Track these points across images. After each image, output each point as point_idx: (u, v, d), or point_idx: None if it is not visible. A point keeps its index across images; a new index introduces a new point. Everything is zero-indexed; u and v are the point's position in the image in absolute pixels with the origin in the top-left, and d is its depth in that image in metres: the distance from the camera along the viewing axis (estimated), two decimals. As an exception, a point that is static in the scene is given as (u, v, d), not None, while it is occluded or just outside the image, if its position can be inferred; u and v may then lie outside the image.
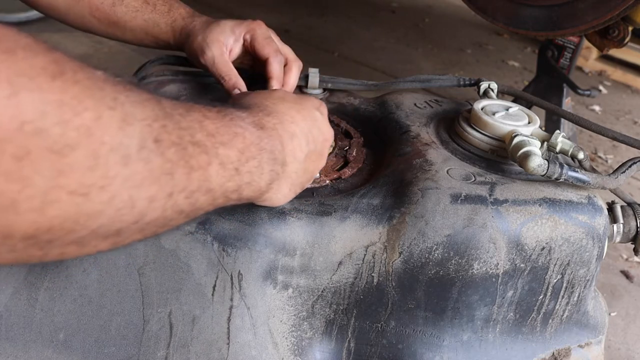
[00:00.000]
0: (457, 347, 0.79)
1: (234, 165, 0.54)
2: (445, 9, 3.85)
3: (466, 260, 0.74)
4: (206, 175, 0.51)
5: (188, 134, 0.49)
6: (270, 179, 0.61)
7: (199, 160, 0.50)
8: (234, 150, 0.55)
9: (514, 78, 2.95)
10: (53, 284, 0.72)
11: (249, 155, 0.57)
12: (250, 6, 3.32)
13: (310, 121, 0.70)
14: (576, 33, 1.56)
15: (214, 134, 0.53)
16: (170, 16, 0.98)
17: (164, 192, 0.47)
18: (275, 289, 0.72)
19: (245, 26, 0.95)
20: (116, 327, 0.72)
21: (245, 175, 0.56)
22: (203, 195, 0.52)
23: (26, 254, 0.42)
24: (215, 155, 0.52)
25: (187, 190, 0.49)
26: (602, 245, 0.80)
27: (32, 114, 0.37)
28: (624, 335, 1.47)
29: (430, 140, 0.88)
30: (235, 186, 0.55)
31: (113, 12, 0.97)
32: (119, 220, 0.44)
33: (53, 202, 0.39)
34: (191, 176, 0.49)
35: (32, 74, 0.37)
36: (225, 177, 0.54)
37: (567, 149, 0.82)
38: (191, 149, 0.49)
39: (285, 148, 0.63)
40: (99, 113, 0.41)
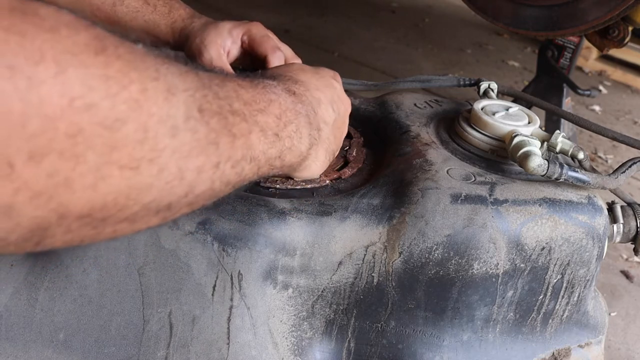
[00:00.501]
0: (457, 347, 0.79)
1: (274, 131, 0.55)
2: (445, 9, 3.85)
3: (466, 260, 0.74)
4: (249, 143, 0.51)
5: (227, 104, 0.50)
6: (310, 143, 0.62)
7: (240, 129, 0.50)
8: (272, 117, 0.55)
9: (514, 78, 2.95)
10: (53, 284, 0.72)
11: (287, 120, 0.57)
12: (250, 6, 3.32)
13: (331, 89, 0.71)
14: (576, 33, 1.56)
15: (251, 102, 0.53)
16: (170, 17, 0.98)
17: (211, 162, 0.47)
18: (275, 289, 0.72)
19: (243, 27, 0.96)
20: (116, 327, 0.72)
21: (286, 141, 0.57)
22: (248, 164, 0.52)
23: (80, 234, 0.42)
24: (255, 123, 0.52)
25: (233, 159, 0.49)
26: (602, 245, 0.80)
27: (80, 90, 0.37)
28: (624, 335, 1.47)
29: (430, 140, 0.88)
30: (277, 152, 0.56)
31: (114, 13, 0.97)
32: (169, 193, 0.45)
33: (106, 177, 0.39)
34: (235, 144, 0.49)
35: (76, 51, 0.37)
36: (267, 143, 0.54)
37: (567, 149, 0.82)
38: (231, 118, 0.49)
39: (317, 113, 0.65)
40: (144, 85, 0.41)
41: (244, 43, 0.95)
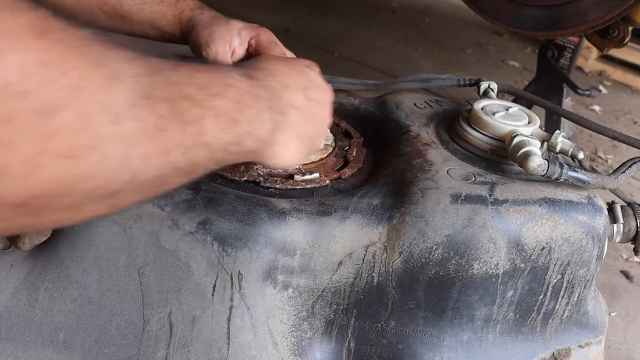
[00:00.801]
0: (457, 347, 0.79)
1: (231, 116, 0.53)
2: (445, 9, 3.85)
3: (466, 260, 0.74)
4: (201, 128, 0.50)
5: (178, 89, 0.48)
6: (272, 127, 0.60)
7: (192, 114, 0.49)
8: (229, 101, 0.53)
9: (514, 78, 2.95)
10: (53, 284, 0.72)
11: (246, 104, 0.56)
12: (250, 6, 3.32)
13: (303, 76, 0.70)
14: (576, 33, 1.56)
15: (206, 86, 0.52)
16: (177, 7, 0.98)
17: (158, 149, 0.46)
18: (275, 289, 0.72)
19: (252, 30, 0.96)
20: (116, 327, 0.72)
21: (245, 125, 0.55)
22: (200, 150, 0.50)
23: (18, 222, 0.41)
24: (209, 108, 0.51)
25: (183, 146, 0.48)
26: (602, 245, 0.80)
27: (17, 75, 0.36)
28: (624, 335, 1.47)
29: (430, 140, 0.88)
30: (234, 137, 0.54)
31: (120, 6, 0.97)
32: (113, 181, 0.43)
33: (42, 166, 0.38)
34: (185, 131, 0.48)
35: (17, 33, 0.36)
36: (221, 129, 0.52)
37: (567, 149, 0.82)
38: (183, 104, 0.48)
39: (281, 98, 0.63)
40: (86, 71, 0.40)
41: (251, 47, 0.95)
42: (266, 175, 0.82)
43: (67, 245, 0.72)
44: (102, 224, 0.71)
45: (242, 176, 0.80)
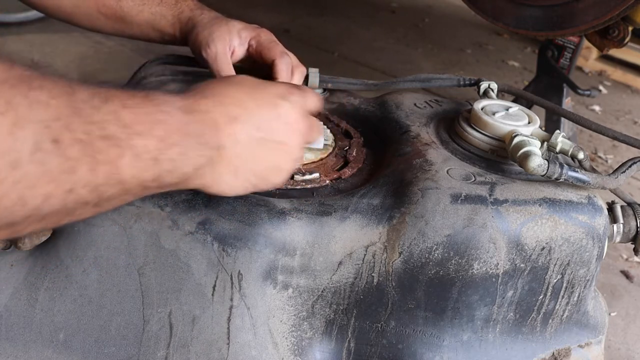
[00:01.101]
0: (457, 347, 0.79)
1: (152, 155, 0.53)
2: (445, 9, 3.85)
3: (466, 260, 0.74)
4: (116, 168, 0.50)
5: (98, 128, 0.49)
6: (198, 164, 0.59)
7: (108, 154, 0.49)
8: (153, 139, 0.53)
9: (514, 78, 2.95)
10: (53, 284, 0.72)
11: (171, 142, 0.55)
12: (250, 6, 3.31)
13: (268, 108, 0.66)
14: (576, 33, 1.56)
15: (131, 124, 0.51)
16: (177, 8, 0.98)
17: (62, 189, 0.46)
18: (275, 289, 0.72)
19: (252, 31, 0.95)
20: (116, 327, 0.72)
21: (166, 163, 0.54)
22: (112, 188, 0.51)
23: None
24: (129, 147, 0.51)
25: (92, 184, 0.49)
26: (602, 245, 0.80)
27: None
28: (624, 335, 1.47)
29: (430, 140, 0.88)
30: (153, 175, 0.54)
31: (119, 7, 0.97)
32: (9, 216, 0.45)
33: None
34: (97, 171, 0.49)
35: None
36: (139, 167, 0.52)
37: (567, 149, 0.82)
38: (100, 144, 0.49)
39: (221, 131, 0.60)
40: None
41: (251, 47, 0.95)
42: (266, 175, 0.82)
43: (67, 245, 0.72)
44: (102, 224, 0.71)
45: (242, 176, 0.80)
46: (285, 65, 0.93)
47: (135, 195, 0.55)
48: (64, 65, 2.42)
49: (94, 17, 0.99)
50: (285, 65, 0.93)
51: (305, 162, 0.85)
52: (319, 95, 0.78)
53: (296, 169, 0.84)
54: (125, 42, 2.60)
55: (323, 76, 1.04)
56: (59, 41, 2.60)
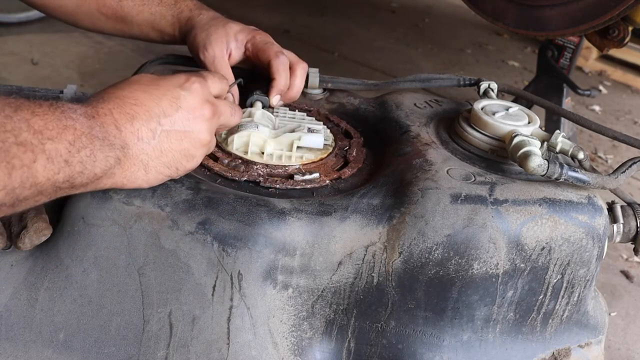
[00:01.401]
0: (457, 347, 0.79)
1: (63, 158, 0.56)
2: (445, 9, 3.85)
3: (466, 260, 0.74)
4: (31, 172, 0.54)
5: (12, 135, 0.52)
6: (107, 166, 0.62)
7: (22, 159, 0.53)
8: (64, 143, 0.56)
9: (514, 78, 2.95)
10: (53, 284, 0.72)
11: (80, 146, 0.58)
12: (250, 6, 3.31)
13: (167, 101, 0.68)
14: (576, 33, 1.56)
15: (42, 130, 0.55)
16: (176, 8, 0.99)
17: None
18: (275, 289, 0.72)
19: (248, 34, 0.96)
20: (116, 327, 0.72)
21: (77, 166, 0.58)
22: (27, 190, 0.54)
23: None
24: (42, 151, 0.54)
25: (8, 187, 0.52)
26: (602, 245, 0.80)
27: None
28: (624, 335, 1.47)
29: (430, 140, 0.88)
30: (65, 177, 0.57)
31: (120, 7, 0.98)
32: None
33: None
34: (12, 175, 0.52)
35: None
36: (53, 170, 0.56)
37: (567, 149, 0.82)
38: (14, 150, 0.52)
39: (123, 131, 0.64)
40: None
41: (248, 50, 0.95)
42: (266, 175, 0.82)
43: (67, 245, 0.72)
44: (102, 224, 0.71)
45: (242, 176, 0.80)
46: (281, 65, 0.93)
47: (49, 195, 0.58)
48: (64, 65, 2.42)
49: (95, 17, 0.99)
50: (282, 65, 0.93)
51: (305, 162, 0.85)
52: (222, 77, 0.80)
53: (296, 169, 0.84)
54: (125, 42, 2.60)
55: (323, 76, 1.04)
56: (59, 41, 2.60)
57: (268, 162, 0.83)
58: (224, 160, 0.83)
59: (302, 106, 1.00)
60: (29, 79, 2.27)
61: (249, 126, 0.84)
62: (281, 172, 0.83)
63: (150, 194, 0.71)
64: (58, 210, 0.75)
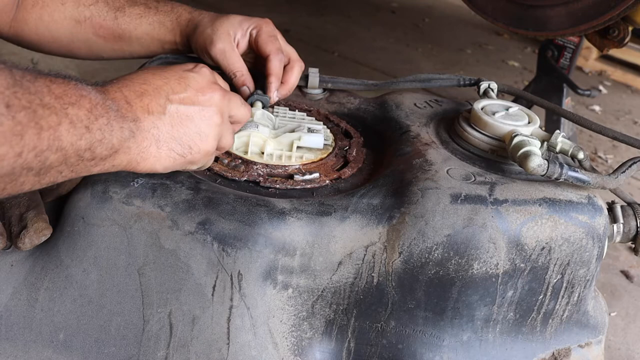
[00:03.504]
0: (457, 347, 0.79)
1: (84, 124, 0.57)
2: (445, 9, 3.85)
3: (466, 260, 0.74)
4: (57, 134, 0.54)
5: (37, 98, 0.53)
6: (123, 137, 0.63)
7: (48, 121, 0.54)
8: (83, 110, 0.57)
9: (514, 78, 2.95)
10: (53, 284, 0.72)
11: (98, 114, 0.59)
12: (250, 6, 3.31)
13: (175, 80, 0.69)
14: (576, 33, 1.56)
15: (62, 96, 0.56)
16: (174, 13, 0.98)
17: (13, 152, 0.51)
18: (275, 289, 0.72)
19: (253, 22, 0.96)
20: (116, 327, 0.72)
21: (97, 133, 0.59)
22: (53, 154, 0.55)
23: None
24: (65, 115, 0.55)
25: (37, 149, 0.53)
26: (602, 245, 0.80)
27: None
28: (624, 335, 1.47)
29: (430, 140, 0.88)
30: (87, 144, 0.58)
31: (117, 25, 0.97)
32: None
33: None
34: (41, 136, 0.53)
35: None
36: (76, 135, 0.56)
37: (567, 149, 0.82)
38: (41, 111, 0.53)
39: (133, 105, 0.65)
40: None
41: (252, 37, 0.95)
42: (266, 175, 0.82)
43: (67, 245, 0.72)
44: (102, 224, 0.71)
45: (242, 176, 0.80)
46: (278, 62, 0.93)
47: (71, 167, 0.58)
48: (64, 66, 2.42)
49: (92, 41, 0.99)
50: (279, 62, 0.93)
51: (305, 162, 0.85)
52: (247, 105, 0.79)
53: (295, 169, 0.84)
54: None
55: (323, 76, 1.04)
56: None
57: (268, 162, 0.83)
58: (224, 160, 0.83)
59: (302, 106, 1.00)
60: (29, 79, 2.27)
61: (249, 126, 0.84)
62: (281, 172, 0.83)
63: (150, 193, 0.71)
64: (58, 211, 0.75)
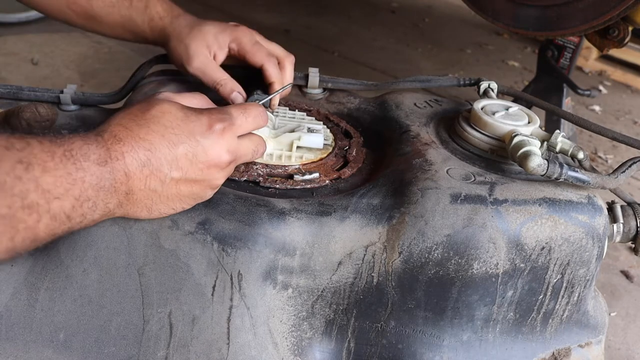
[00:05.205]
0: (457, 347, 0.79)
1: (66, 214, 0.57)
2: (445, 9, 3.85)
3: (466, 260, 0.74)
4: (34, 231, 0.54)
5: (20, 199, 0.52)
6: (106, 211, 0.62)
7: (27, 222, 0.53)
8: (70, 200, 0.57)
9: (514, 78, 2.95)
10: (53, 284, 0.72)
11: (84, 199, 0.58)
12: (250, 6, 3.31)
13: (182, 149, 0.65)
14: (576, 33, 1.55)
15: (50, 189, 0.55)
16: (147, 14, 0.96)
17: None
18: (275, 289, 0.72)
19: (229, 34, 0.94)
20: (116, 327, 0.72)
21: (78, 218, 0.59)
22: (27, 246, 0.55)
23: None
24: (47, 211, 0.55)
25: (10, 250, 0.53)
26: (602, 245, 0.80)
27: None
28: (624, 335, 1.47)
29: (430, 140, 0.88)
30: (65, 229, 0.58)
31: (90, 7, 0.96)
32: None
33: None
34: (15, 239, 0.53)
35: None
36: (55, 226, 0.56)
37: (567, 149, 0.82)
38: (21, 214, 0.52)
39: (132, 178, 0.63)
40: None
41: (233, 50, 0.94)
42: (266, 175, 0.82)
43: (67, 245, 0.72)
44: (102, 224, 0.71)
45: (241, 176, 0.80)
46: (274, 68, 0.93)
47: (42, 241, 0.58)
48: (64, 66, 2.42)
49: (64, 12, 0.98)
50: (274, 68, 0.93)
51: (305, 162, 0.85)
52: (261, 112, 0.74)
53: (295, 169, 0.84)
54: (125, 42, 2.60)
55: (323, 76, 1.04)
56: (59, 41, 2.60)
57: (268, 162, 0.83)
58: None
59: (302, 106, 1.00)
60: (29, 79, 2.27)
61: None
62: (281, 172, 0.83)
63: (150, 194, 0.71)
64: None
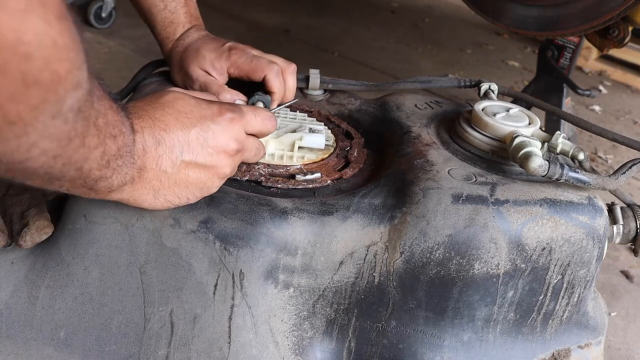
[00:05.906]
0: (457, 347, 0.79)
1: (109, 158, 0.57)
2: (445, 9, 3.85)
3: (467, 260, 0.74)
4: (89, 155, 0.54)
5: (94, 116, 0.53)
6: (123, 181, 0.62)
7: (90, 141, 0.53)
8: (115, 146, 0.57)
9: (514, 78, 2.95)
10: (54, 282, 0.72)
11: (120, 154, 0.59)
12: (250, 6, 3.31)
13: (195, 132, 0.67)
14: (576, 33, 1.56)
15: (110, 124, 0.56)
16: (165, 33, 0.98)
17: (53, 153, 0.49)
18: (276, 288, 0.72)
19: (226, 59, 0.94)
20: (117, 326, 0.72)
21: (109, 171, 0.58)
22: (74, 170, 0.54)
23: None
24: (103, 143, 0.55)
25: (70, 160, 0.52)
26: (602, 246, 0.80)
27: (31, 39, 0.40)
28: (624, 335, 1.47)
29: (431, 141, 0.88)
30: (98, 176, 0.57)
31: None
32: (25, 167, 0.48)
33: None
34: (79, 151, 0.52)
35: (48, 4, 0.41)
36: (98, 164, 0.56)
37: (568, 150, 0.82)
38: (92, 130, 0.53)
39: (147, 153, 0.64)
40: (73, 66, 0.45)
41: (233, 74, 0.94)
42: (268, 174, 0.82)
43: (69, 243, 0.72)
44: (104, 222, 0.71)
45: (243, 175, 0.80)
46: (276, 77, 0.93)
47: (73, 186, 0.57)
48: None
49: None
50: (277, 76, 0.93)
51: (306, 162, 0.85)
52: (270, 117, 0.76)
53: (297, 169, 0.84)
54: (125, 42, 2.60)
55: (324, 77, 1.04)
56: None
57: (270, 162, 0.83)
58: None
59: (303, 107, 1.01)
60: (29, 77, 2.27)
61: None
62: (283, 172, 0.83)
63: (152, 193, 0.71)
64: (59, 208, 0.75)
